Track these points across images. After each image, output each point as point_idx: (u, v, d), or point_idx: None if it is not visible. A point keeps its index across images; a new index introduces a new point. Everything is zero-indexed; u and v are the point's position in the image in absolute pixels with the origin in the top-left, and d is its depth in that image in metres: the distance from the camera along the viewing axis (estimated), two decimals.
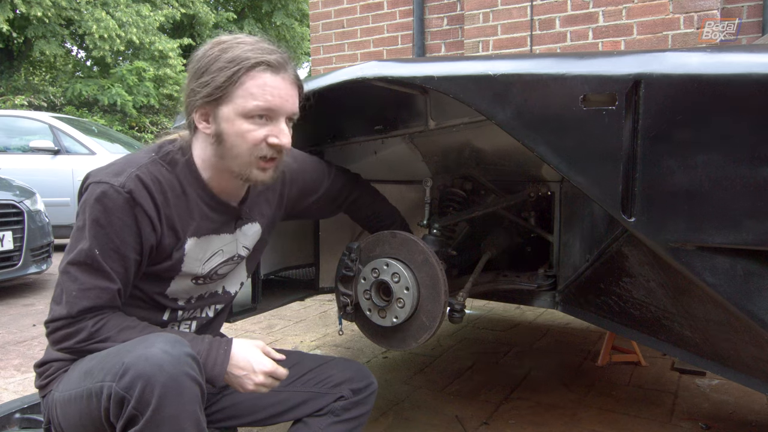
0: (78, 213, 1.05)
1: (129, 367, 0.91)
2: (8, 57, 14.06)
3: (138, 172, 1.05)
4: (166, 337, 0.97)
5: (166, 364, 0.91)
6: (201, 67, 1.07)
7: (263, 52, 1.07)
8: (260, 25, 17.48)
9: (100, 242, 1.02)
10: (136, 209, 1.03)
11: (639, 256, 1.26)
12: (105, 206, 1.01)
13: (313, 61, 5.38)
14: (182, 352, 0.94)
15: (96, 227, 1.02)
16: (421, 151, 1.90)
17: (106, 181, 1.02)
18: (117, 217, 1.02)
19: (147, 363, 0.91)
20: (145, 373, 0.90)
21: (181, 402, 0.91)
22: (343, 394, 1.27)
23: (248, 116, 1.06)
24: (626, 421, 1.86)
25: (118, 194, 1.02)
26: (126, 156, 1.12)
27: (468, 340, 2.78)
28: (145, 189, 1.04)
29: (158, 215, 1.07)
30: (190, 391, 0.93)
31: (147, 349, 0.93)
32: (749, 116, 0.91)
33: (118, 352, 0.97)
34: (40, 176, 5.70)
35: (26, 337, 2.98)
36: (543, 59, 1.09)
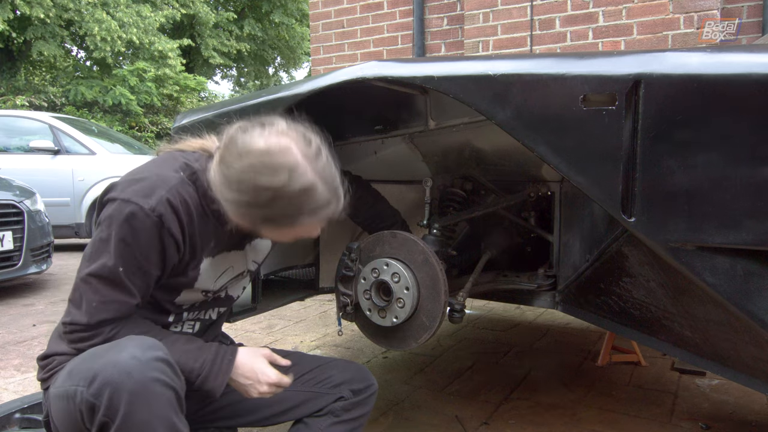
0: (100, 223, 1.04)
1: (97, 373, 0.91)
2: (8, 57, 14.06)
3: (168, 195, 1.03)
4: (139, 341, 0.96)
5: (134, 371, 0.90)
6: (246, 202, 1.00)
7: (323, 206, 1.02)
8: (260, 25, 17.49)
9: (125, 261, 1.01)
10: (163, 231, 1.03)
11: (639, 256, 1.26)
12: (133, 227, 1.00)
13: (313, 61, 5.38)
14: (152, 356, 0.93)
15: (122, 246, 1.01)
16: (421, 151, 1.90)
17: (136, 202, 1.00)
18: (144, 239, 1.01)
19: (114, 369, 0.90)
20: (112, 380, 0.90)
21: (151, 408, 0.91)
22: (343, 394, 1.27)
23: (288, 236, 1.09)
24: (626, 421, 1.86)
25: (148, 217, 1.00)
26: (153, 169, 1.07)
27: (468, 340, 2.78)
28: (174, 213, 1.03)
29: (183, 237, 1.06)
30: (160, 397, 0.92)
31: (116, 355, 0.93)
32: (749, 116, 0.91)
33: (92, 356, 0.97)
34: (40, 176, 5.70)
35: (26, 337, 2.98)
36: (543, 59, 1.09)
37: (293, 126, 1.04)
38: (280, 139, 0.99)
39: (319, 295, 2.16)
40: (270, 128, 1.01)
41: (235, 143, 1.00)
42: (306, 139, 1.02)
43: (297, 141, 1.01)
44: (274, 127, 1.01)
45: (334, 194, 1.04)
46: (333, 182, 1.04)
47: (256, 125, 1.02)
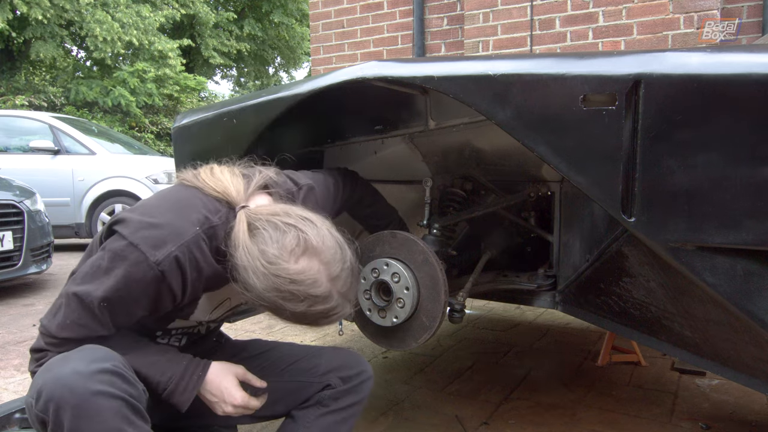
0: (102, 249, 1.01)
1: (42, 389, 0.90)
2: (8, 57, 14.06)
3: (178, 252, 1.00)
4: (85, 354, 0.95)
5: (75, 385, 0.89)
6: (270, 304, 0.99)
7: (331, 315, 1.02)
8: (260, 25, 17.49)
9: (113, 300, 0.99)
10: (163, 285, 1.01)
11: (639, 256, 1.26)
12: (132, 275, 0.98)
13: (313, 61, 5.38)
14: (95, 369, 0.91)
15: (116, 287, 0.99)
16: (421, 151, 1.90)
17: (143, 251, 0.98)
18: (140, 288, 1.00)
19: (56, 384, 0.89)
20: (54, 396, 0.88)
21: (97, 422, 0.89)
22: (331, 382, 1.23)
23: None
24: (626, 421, 1.86)
25: (150, 269, 0.98)
26: (171, 217, 1.04)
27: (468, 340, 2.78)
28: (179, 270, 1.01)
29: (183, 292, 1.05)
30: (106, 410, 0.89)
31: (59, 370, 0.91)
32: (749, 116, 0.91)
33: (45, 369, 0.96)
34: (40, 176, 5.70)
35: (26, 337, 2.98)
36: (543, 59, 1.09)
37: (328, 236, 1.02)
38: (312, 264, 0.98)
39: None
40: (304, 241, 0.98)
41: (265, 242, 0.98)
42: (336, 254, 1.01)
43: (327, 263, 0.99)
44: (308, 239, 0.99)
45: (347, 304, 1.04)
46: (349, 295, 1.04)
47: (291, 226, 0.99)
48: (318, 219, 1.04)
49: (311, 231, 1.00)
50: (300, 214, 1.03)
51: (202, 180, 1.12)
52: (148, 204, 1.07)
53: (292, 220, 1.01)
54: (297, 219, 1.02)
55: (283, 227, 0.99)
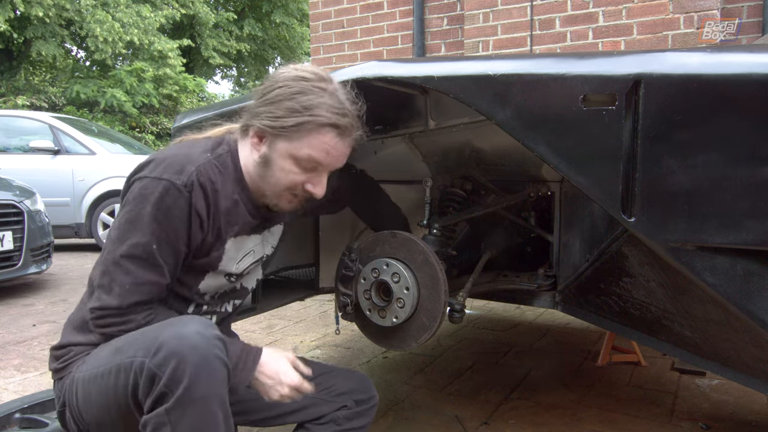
0: (128, 202, 1.05)
1: (163, 344, 0.92)
2: (8, 57, 14.06)
3: (197, 173, 1.06)
4: (199, 319, 0.99)
5: (200, 345, 0.92)
6: (275, 96, 1.07)
7: (339, 113, 1.08)
8: (260, 25, 17.48)
9: (158, 238, 1.03)
10: (192, 210, 1.06)
11: (639, 256, 1.26)
12: (166, 204, 1.03)
13: (313, 61, 5.38)
14: (214, 334, 0.95)
15: (155, 223, 1.03)
16: (421, 151, 1.90)
17: (168, 178, 1.03)
18: (177, 215, 1.04)
19: (181, 342, 0.92)
20: (179, 351, 0.91)
21: (211, 383, 0.92)
22: (347, 403, 1.28)
23: (298, 161, 1.10)
24: (626, 421, 1.86)
25: (180, 193, 1.03)
26: (181, 150, 1.11)
27: (468, 340, 2.78)
28: (202, 190, 1.07)
29: (208, 216, 1.09)
30: (220, 374, 0.93)
31: (181, 329, 0.94)
32: (749, 116, 0.91)
33: (153, 330, 0.98)
34: (40, 176, 5.70)
35: (26, 337, 2.98)
36: (543, 59, 1.09)
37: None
38: (324, 70, 1.12)
39: (319, 295, 2.16)
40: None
41: (275, 74, 1.11)
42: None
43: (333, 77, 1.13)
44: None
45: (354, 116, 1.11)
46: (354, 108, 1.11)
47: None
48: None
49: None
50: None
51: (203, 132, 1.22)
52: (156, 156, 1.11)
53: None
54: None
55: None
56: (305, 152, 1.08)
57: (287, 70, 1.10)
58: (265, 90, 1.09)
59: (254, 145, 1.12)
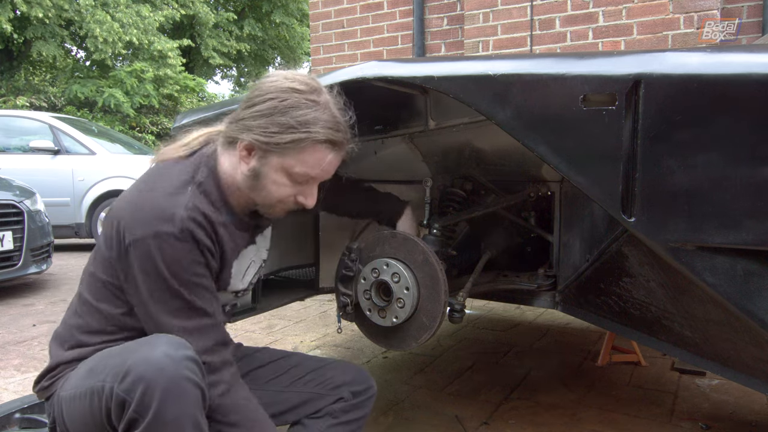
0: (136, 274, 1.02)
1: (130, 369, 0.91)
2: (8, 57, 14.06)
3: (189, 213, 1.03)
4: (169, 339, 0.97)
5: (168, 367, 0.91)
6: (267, 109, 1.03)
7: (333, 128, 1.06)
8: (260, 25, 17.48)
9: (190, 286, 1.02)
10: (198, 246, 1.03)
11: (639, 256, 1.26)
12: (173, 256, 1.00)
13: (313, 61, 5.38)
14: (183, 355, 0.94)
15: (174, 279, 1.01)
16: (421, 151, 1.90)
17: (162, 231, 0.99)
18: (192, 259, 1.02)
19: (148, 366, 0.91)
20: (146, 376, 0.90)
21: (182, 405, 0.91)
22: (343, 395, 1.27)
23: (291, 176, 1.08)
24: (626, 421, 1.86)
25: (180, 240, 1.00)
26: (159, 185, 1.06)
27: (468, 340, 2.78)
28: (200, 227, 1.03)
29: (214, 247, 1.08)
30: (191, 395, 0.93)
31: (149, 352, 0.93)
32: (749, 116, 0.91)
33: (122, 352, 0.97)
34: (40, 176, 5.69)
35: (26, 337, 2.98)
36: (543, 59, 1.09)
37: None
38: (309, 74, 1.11)
39: (319, 295, 2.16)
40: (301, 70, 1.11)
41: (270, 76, 1.07)
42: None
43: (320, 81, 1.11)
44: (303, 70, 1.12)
45: (346, 129, 1.10)
46: (346, 120, 1.10)
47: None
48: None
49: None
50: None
51: (179, 141, 1.16)
52: (136, 199, 1.06)
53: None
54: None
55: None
56: (299, 169, 1.07)
57: (277, 80, 1.06)
58: (255, 100, 1.05)
59: (243, 157, 1.08)
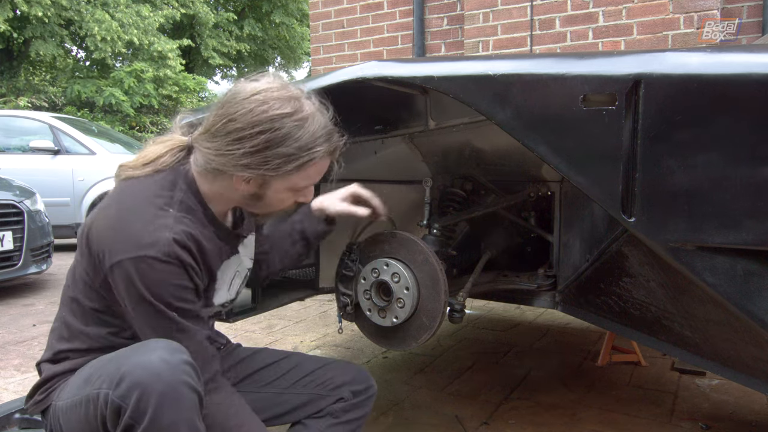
0: (124, 291, 0.99)
1: (125, 375, 0.90)
2: (8, 57, 14.06)
3: (174, 236, 0.99)
4: (166, 344, 0.96)
5: (164, 373, 0.90)
6: (263, 143, 0.99)
7: (327, 137, 1.06)
8: (260, 25, 17.48)
9: (180, 311, 1.00)
10: (187, 268, 1.01)
11: (639, 256, 1.26)
12: (161, 278, 0.97)
13: (313, 61, 5.38)
14: (180, 359, 0.93)
15: (160, 303, 0.98)
16: (421, 151, 1.91)
17: (147, 254, 0.96)
18: (178, 283, 1.00)
19: (144, 371, 0.90)
20: (141, 382, 0.89)
21: (178, 410, 0.91)
22: (343, 395, 1.27)
23: (296, 190, 1.10)
24: (626, 421, 1.86)
25: (166, 264, 0.97)
26: (136, 206, 1.03)
27: (468, 340, 2.78)
28: (186, 250, 1.00)
29: (199, 267, 1.05)
30: (187, 400, 0.92)
31: (144, 357, 0.92)
32: (749, 116, 0.91)
33: (116, 359, 0.97)
34: (40, 176, 5.69)
35: (26, 337, 2.98)
36: (543, 59, 1.09)
37: (282, 75, 1.10)
38: (275, 80, 1.05)
39: (319, 295, 2.15)
40: (261, 77, 1.05)
41: (233, 98, 1.01)
42: (295, 85, 1.09)
43: (290, 83, 1.07)
44: (265, 76, 1.06)
45: (334, 129, 1.09)
46: (330, 119, 1.09)
47: (246, 82, 1.05)
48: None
49: (266, 75, 1.07)
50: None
51: (128, 169, 1.10)
52: (116, 221, 1.03)
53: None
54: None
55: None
56: (304, 183, 1.09)
57: (256, 105, 0.99)
58: (241, 135, 0.99)
59: (237, 185, 1.05)
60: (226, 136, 1.00)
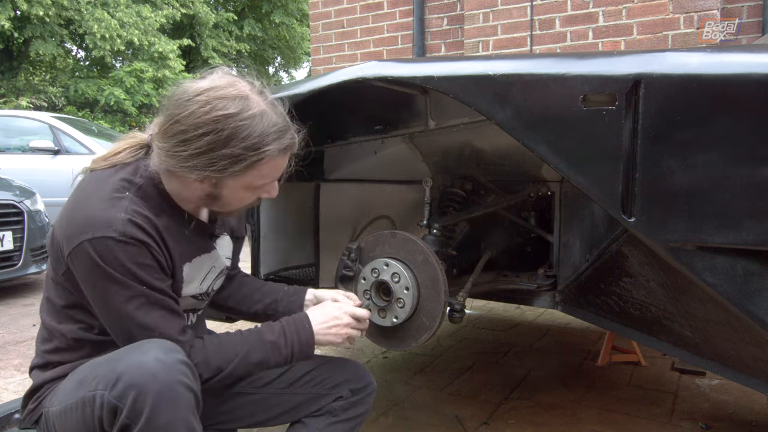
0: (84, 276, 0.99)
1: (121, 375, 0.90)
2: (8, 57, 14.06)
3: (129, 216, 0.98)
4: (161, 344, 0.96)
5: (160, 373, 0.90)
6: (207, 145, 0.97)
7: (280, 134, 1.02)
8: (260, 25, 17.48)
9: (148, 284, 1.00)
10: (147, 246, 1.00)
11: (639, 256, 1.26)
12: (119, 256, 0.96)
13: (313, 61, 5.38)
14: (176, 359, 0.93)
15: (121, 281, 0.97)
16: (421, 151, 1.91)
17: (101, 235, 0.95)
18: (137, 260, 0.98)
19: (139, 371, 0.90)
20: (137, 382, 0.89)
21: (174, 410, 0.91)
22: (342, 394, 1.27)
23: (252, 188, 1.07)
24: (626, 421, 1.86)
25: (123, 243, 0.96)
26: (93, 195, 1.02)
27: (468, 340, 2.78)
28: (142, 230, 0.99)
29: (159, 247, 1.04)
30: (183, 399, 0.92)
31: (140, 357, 0.92)
32: (749, 116, 0.91)
33: (111, 360, 0.96)
34: (40, 176, 5.69)
35: (26, 337, 2.98)
36: (543, 59, 1.09)
37: (233, 73, 1.05)
38: (223, 78, 1.01)
39: None
40: (209, 75, 1.02)
41: (179, 99, 0.99)
42: (248, 80, 1.04)
43: (239, 79, 1.02)
44: (213, 74, 1.02)
45: (288, 122, 1.05)
46: (283, 112, 1.05)
47: (192, 81, 1.02)
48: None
49: (217, 70, 1.04)
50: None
51: (108, 153, 1.11)
52: (71, 209, 1.03)
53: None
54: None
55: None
56: (260, 181, 1.06)
57: (201, 108, 0.96)
58: (186, 136, 0.97)
59: (190, 185, 1.04)
60: (173, 138, 0.99)
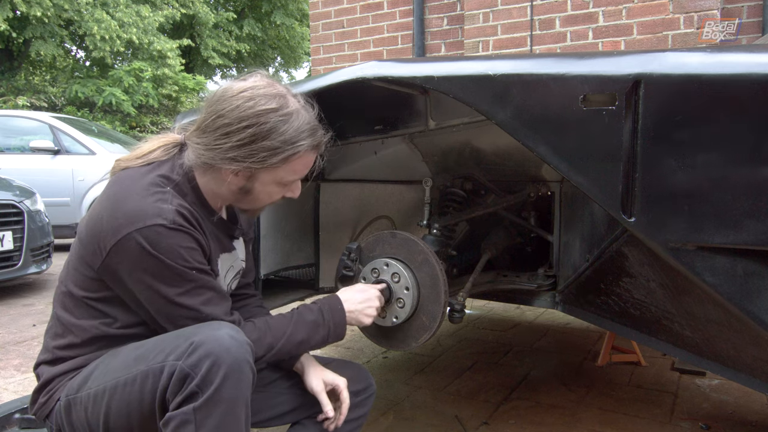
0: (131, 267, 1.01)
1: (199, 344, 0.94)
2: (8, 57, 14.06)
3: (176, 207, 1.03)
4: (229, 324, 1.01)
5: (233, 348, 0.94)
6: (250, 137, 1.03)
7: (312, 132, 1.10)
8: (260, 25, 17.48)
9: (199, 270, 1.04)
10: (193, 235, 1.05)
11: (639, 256, 1.26)
12: (169, 242, 1.00)
13: (313, 61, 5.39)
14: (244, 339, 0.98)
15: (183, 262, 1.02)
16: (421, 151, 1.91)
17: (152, 223, 0.99)
18: (186, 245, 1.03)
19: (216, 343, 0.94)
20: (214, 352, 0.93)
21: (240, 386, 0.95)
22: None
23: (283, 184, 1.14)
24: (626, 421, 1.86)
25: (176, 230, 1.01)
26: (133, 189, 1.05)
27: (468, 340, 2.78)
28: (188, 222, 1.04)
29: (202, 237, 1.08)
30: (248, 378, 0.96)
31: (214, 332, 0.96)
32: (749, 116, 0.91)
33: (180, 336, 0.99)
34: (40, 176, 5.69)
35: (26, 337, 2.98)
36: (543, 59, 1.09)
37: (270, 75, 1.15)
38: (263, 79, 1.10)
39: (319, 295, 2.15)
40: (250, 77, 1.11)
41: (222, 96, 1.06)
42: (283, 83, 1.14)
43: (276, 82, 1.12)
44: (253, 76, 1.11)
45: (318, 125, 1.13)
46: (313, 113, 1.13)
47: (234, 81, 1.11)
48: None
49: (253, 74, 1.13)
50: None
51: (141, 149, 1.15)
52: (109, 209, 1.05)
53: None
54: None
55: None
56: (291, 177, 1.13)
57: (243, 102, 1.04)
58: (229, 129, 1.04)
59: (229, 179, 1.09)
60: (215, 131, 1.05)
